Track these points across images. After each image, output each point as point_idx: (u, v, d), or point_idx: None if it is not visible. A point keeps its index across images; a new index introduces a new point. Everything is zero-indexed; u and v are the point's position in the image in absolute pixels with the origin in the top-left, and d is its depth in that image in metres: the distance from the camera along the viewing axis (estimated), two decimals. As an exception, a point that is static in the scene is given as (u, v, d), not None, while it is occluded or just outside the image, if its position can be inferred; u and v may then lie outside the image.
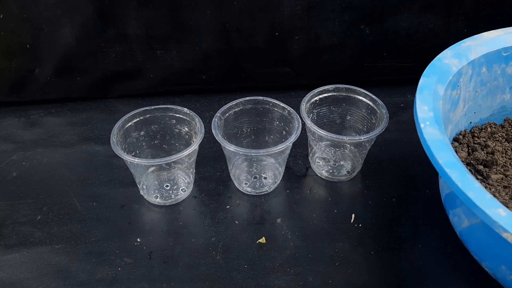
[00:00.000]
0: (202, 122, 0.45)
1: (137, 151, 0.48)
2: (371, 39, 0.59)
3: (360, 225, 0.45)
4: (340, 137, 0.44)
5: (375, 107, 0.48)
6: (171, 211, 0.47)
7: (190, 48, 0.58)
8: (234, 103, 0.47)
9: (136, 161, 0.41)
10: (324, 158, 0.51)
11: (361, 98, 0.49)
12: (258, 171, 0.49)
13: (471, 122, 0.49)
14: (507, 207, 0.38)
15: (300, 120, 0.45)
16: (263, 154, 0.44)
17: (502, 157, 0.45)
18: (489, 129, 0.49)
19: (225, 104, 0.47)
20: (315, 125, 0.45)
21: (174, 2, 0.54)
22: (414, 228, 0.45)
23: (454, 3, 0.57)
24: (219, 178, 0.50)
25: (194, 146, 0.43)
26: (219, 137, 0.43)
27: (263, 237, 0.44)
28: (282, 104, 0.47)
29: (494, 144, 0.47)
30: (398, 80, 0.64)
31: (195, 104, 0.62)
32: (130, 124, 0.46)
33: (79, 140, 0.56)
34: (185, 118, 0.47)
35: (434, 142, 0.35)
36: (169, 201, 0.47)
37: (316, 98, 0.49)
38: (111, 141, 0.43)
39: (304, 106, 0.47)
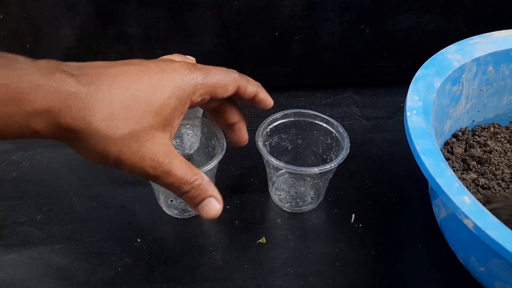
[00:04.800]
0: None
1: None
2: (371, 39, 0.59)
3: (360, 225, 0.45)
4: (299, 168, 0.40)
5: (330, 128, 0.45)
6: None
7: (190, 48, 0.58)
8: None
9: None
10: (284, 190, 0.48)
11: (316, 122, 0.46)
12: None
13: (474, 121, 0.49)
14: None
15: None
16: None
17: (499, 157, 0.45)
18: (492, 129, 0.48)
19: None
20: (272, 157, 0.41)
21: (174, 2, 0.54)
22: (414, 228, 0.45)
23: (454, 3, 0.57)
24: (219, 178, 0.50)
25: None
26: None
27: (263, 237, 0.44)
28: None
29: (494, 144, 0.46)
30: (398, 80, 0.63)
31: (195, 104, 0.62)
32: None
33: (79, 140, 0.56)
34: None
35: (416, 130, 0.35)
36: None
37: (267, 128, 0.45)
38: None
39: (260, 139, 0.43)
